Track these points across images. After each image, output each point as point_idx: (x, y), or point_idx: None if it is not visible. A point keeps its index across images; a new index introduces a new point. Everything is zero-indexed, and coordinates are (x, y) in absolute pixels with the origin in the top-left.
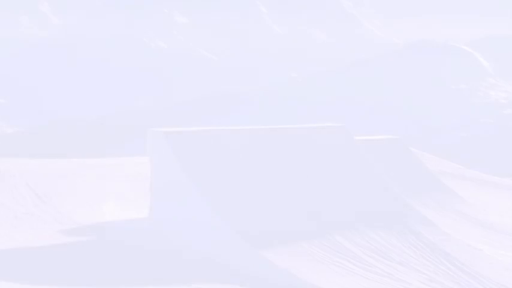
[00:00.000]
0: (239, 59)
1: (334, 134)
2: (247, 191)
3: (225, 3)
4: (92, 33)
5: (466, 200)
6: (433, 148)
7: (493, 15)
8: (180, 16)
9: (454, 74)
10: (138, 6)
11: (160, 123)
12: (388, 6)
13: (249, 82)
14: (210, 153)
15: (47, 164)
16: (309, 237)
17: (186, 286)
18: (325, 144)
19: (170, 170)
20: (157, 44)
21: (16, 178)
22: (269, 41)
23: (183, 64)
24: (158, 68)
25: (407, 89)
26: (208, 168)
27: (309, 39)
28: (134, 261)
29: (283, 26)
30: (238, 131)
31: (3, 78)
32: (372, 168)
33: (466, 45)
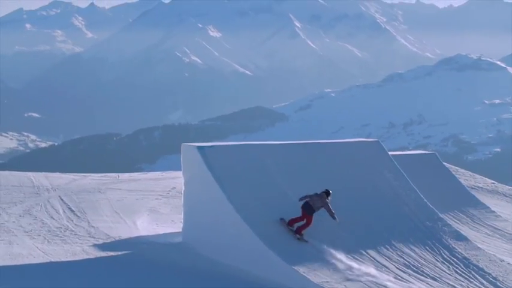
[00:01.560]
0: (273, 74)
1: (368, 148)
2: (281, 206)
3: (260, 19)
4: (126, 48)
5: (499, 215)
6: (467, 163)
7: None
8: (215, 31)
9: (488, 89)
10: (172, 22)
11: (194, 137)
12: (422, 22)
13: (283, 97)
14: (243, 167)
15: (80, 178)
16: (342, 252)
17: None
18: (359, 159)
19: (203, 185)
20: (191, 59)
21: (50, 192)
22: (303, 56)
23: (217, 79)
24: (192, 83)
25: (441, 104)
26: (241, 182)
27: (342, 54)
28: (167, 276)
29: (317, 41)
30: (272, 145)
31: (39, 93)
32: (406, 183)
33: (499, 60)
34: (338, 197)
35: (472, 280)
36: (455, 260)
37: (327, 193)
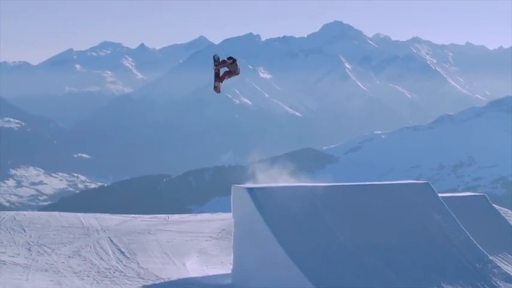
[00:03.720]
0: (323, 116)
1: (418, 190)
2: (329, 248)
3: (310, 60)
4: (175, 89)
5: None
6: None
7: None
8: (265, 73)
9: None
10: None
11: (244, 178)
12: (472, 63)
13: (333, 138)
14: (293, 209)
15: (130, 220)
16: None
17: None
18: (409, 201)
19: (253, 226)
20: (241, 101)
21: (99, 233)
22: (353, 98)
23: (268, 120)
24: (242, 124)
25: (490, 145)
26: (292, 224)
27: (393, 96)
28: None
29: (367, 83)
30: (322, 187)
31: (89, 133)
32: (455, 225)
33: None
34: (387, 238)
35: None
36: None
37: (233, 60)
